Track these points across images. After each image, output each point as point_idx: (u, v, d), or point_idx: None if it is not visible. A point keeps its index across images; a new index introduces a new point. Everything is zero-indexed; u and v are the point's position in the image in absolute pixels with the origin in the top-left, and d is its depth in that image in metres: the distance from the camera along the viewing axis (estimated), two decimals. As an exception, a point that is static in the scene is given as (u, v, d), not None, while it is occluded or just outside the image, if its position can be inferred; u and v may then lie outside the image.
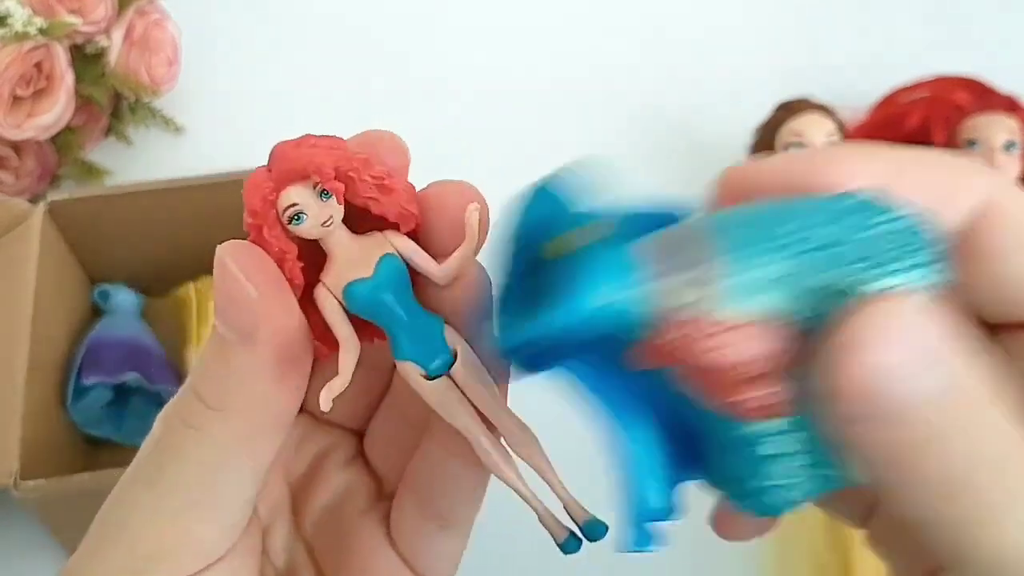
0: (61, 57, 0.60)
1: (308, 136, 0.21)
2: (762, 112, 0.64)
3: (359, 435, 0.28)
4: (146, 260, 0.59)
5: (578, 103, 0.74)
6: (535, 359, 0.19)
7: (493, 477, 0.24)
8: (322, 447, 0.27)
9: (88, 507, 0.49)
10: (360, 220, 0.22)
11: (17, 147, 0.62)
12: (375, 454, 0.27)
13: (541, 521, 0.24)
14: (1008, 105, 0.65)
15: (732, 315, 0.17)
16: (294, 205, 0.21)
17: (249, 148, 0.65)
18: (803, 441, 0.19)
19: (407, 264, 0.22)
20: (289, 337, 0.21)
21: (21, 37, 0.59)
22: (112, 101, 0.67)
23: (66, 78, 0.60)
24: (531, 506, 0.24)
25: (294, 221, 0.21)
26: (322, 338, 0.22)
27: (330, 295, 0.22)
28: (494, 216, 0.23)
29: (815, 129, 0.61)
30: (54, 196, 0.54)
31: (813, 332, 0.17)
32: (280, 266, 0.21)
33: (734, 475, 0.19)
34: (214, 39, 0.75)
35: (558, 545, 0.23)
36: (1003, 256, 0.20)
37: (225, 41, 0.76)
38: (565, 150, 0.78)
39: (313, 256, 0.22)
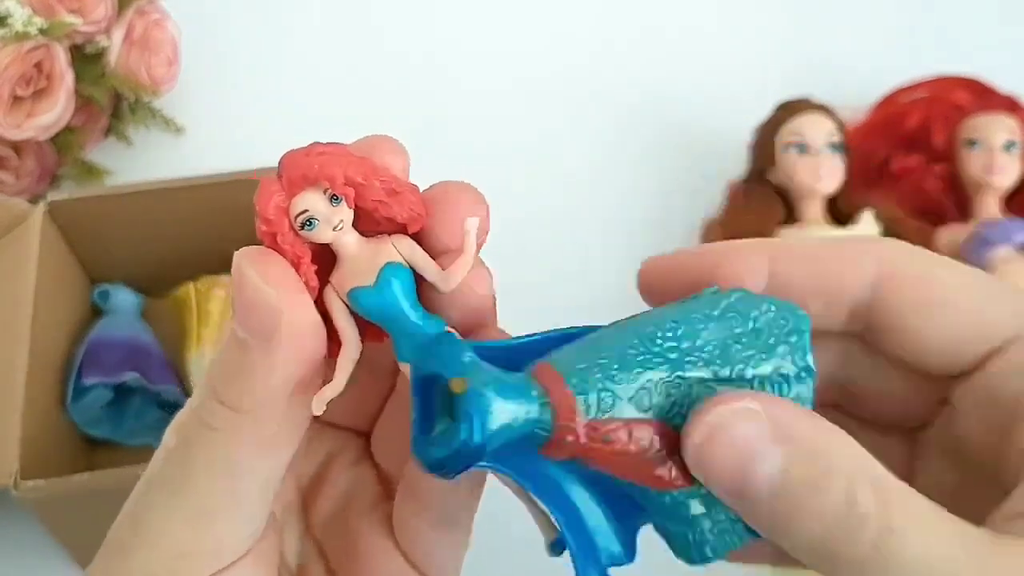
0: (61, 57, 0.60)
1: (316, 144, 0.22)
2: (762, 112, 0.64)
3: (366, 436, 0.28)
4: (146, 260, 0.59)
5: (578, 103, 0.74)
6: (456, 468, 0.20)
7: (489, 476, 0.24)
8: (330, 449, 0.28)
9: (88, 507, 0.49)
10: (368, 222, 0.23)
11: (17, 147, 0.62)
12: (381, 454, 0.28)
13: (534, 519, 0.24)
14: (1008, 105, 0.65)
15: (623, 416, 0.20)
16: (305, 211, 0.21)
17: (249, 148, 0.65)
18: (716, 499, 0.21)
19: (412, 268, 0.23)
20: (308, 339, 0.22)
21: (21, 37, 0.59)
22: (112, 101, 0.67)
23: (66, 78, 0.60)
24: (524, 503, 0.24)
25: (306, 227, 0.21)
26: (334, 338, 0.23)
27: (336, 296, 0.23)
28: (494, 216, 0.23)
29: (815, 129, 0.61)
30: (54, 196, 0.54)
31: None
32: (295, 270, 0.22)
33: (674, 531, 0.22)
34: (214, 39, 0.75)
35: (547, 545, 0.24)
36: (909, 316, 0.22)
37: (225, 41, 0.76)
38: (565, 150, 0.79)
39: (324, 259, 0.23)
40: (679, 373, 0.21)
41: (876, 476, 0.20)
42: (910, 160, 0.66)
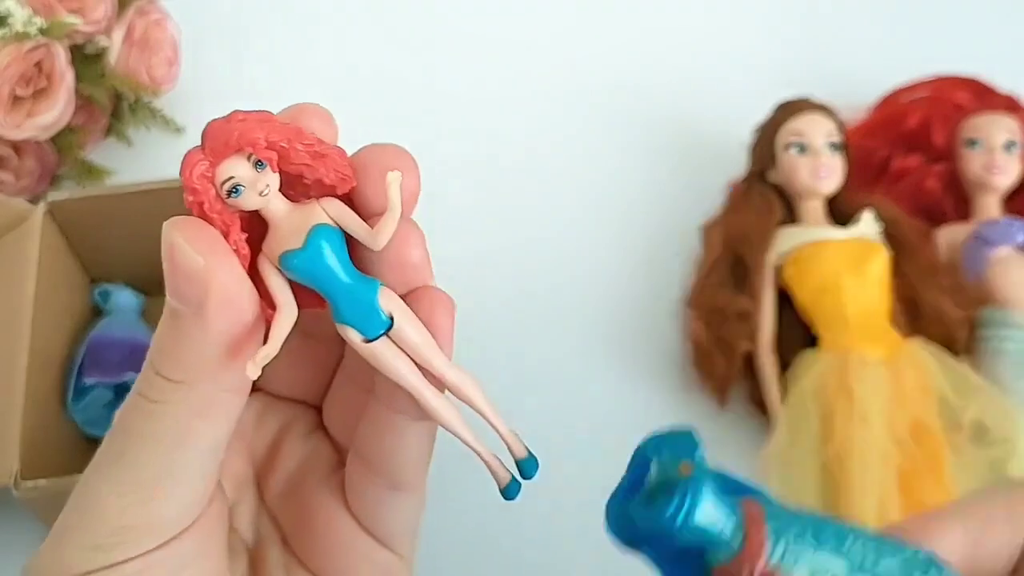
0: (61, 57, 0.60)
1: (237, 111, 0.22)
2: (762, 112, 0.64)
3: (317, 409, 0.29)
4: (146, 260, 0.59)
5: (576, 103, 0.74)
6: (641, 539, 0.22)
7: (440, 436, 0.25)
8: (282, 422, 0.28)
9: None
10: (297, 189, 0.23)
11: (17, 147, 0.62)
12: (333, 424, 0.28)
13: (486, 465, 0.25)
14: (1008, 105, 0.65)
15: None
16: (231, 178, 0.22)
17: (249, 148, 0.65)
18: None
19: (343, 230, 0.23)
20: (238, 304, 0.22)
21: (21, 37, 0.59)
22: (112, 101, 0.67)
23: (66, 78, 0.60)
24: (475, 451, 0.24)
25: (232, 194, 0.22)
26: (273, 306, 0.23)
27: (269, 263, 0.23)
28: (495, 217, 0.23)
29: (815, 129, 0.61)
30: (54, 196, 0.54)
31: None
32: (225, 239, 0.22)
33: None
34: (214, 39, 0.75)
35: (501, 491, 0.25)
36: None
37: (225, 41, 0.76)
38: (563, 151, 0.79)
39: (255, 228, 0.23)
40: (835, 565, 0.22)
41: None
42: (910, 160, 0.66)
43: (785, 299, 0.59)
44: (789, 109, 0.62)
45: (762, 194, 0.62)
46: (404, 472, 0.25)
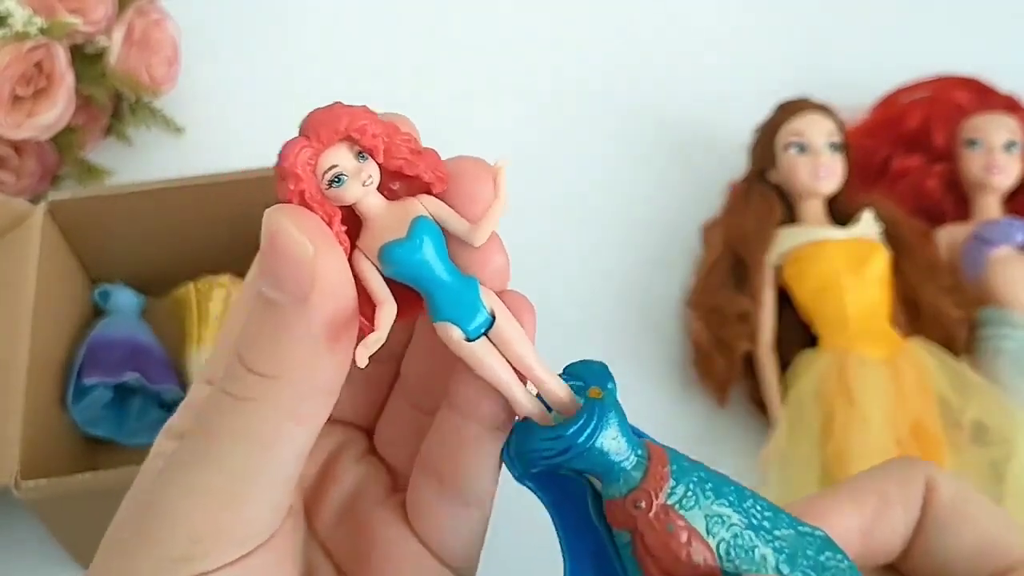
0: (61, 57, 0.60)
1: (338, 102, 0.22)
2: (762, 112, 0.64)
3: (367, 432, 0.27)
4: (146, 260, 0.59)
5: (577, 104, 0.74)
6: (543, 459, 0.22)
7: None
8: (332, 446, 0.27)
9: (88, 507, 0.49)
10: (389, 189, 0.22)
11: (17, 147, 0.62)
12: (387, 446, 0.27)
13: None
14: (1008, 105, 0.65)
15: (693, 523, 0.21)
16: (334, 167, 0.21)
17: (249, 148, 0.65)
18: None
19: (440, 227, 0.22)
20: (344, 296, 0.21)
21: (21, 37, 0.59)
22: (112, 101, 0.67)
23: (66, 78, 0.60)
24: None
25: (335, 183, 0.21)
26: (362, 313, 0.22)
27: (366, 259, 0.22)
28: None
29: (815, 129, 0.61)
30: (54, 196, 0.54)
31: None
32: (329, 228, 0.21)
33: None
34: (214, 39, 0.75)
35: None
36: (942, 530, 0.25)
37: (225, 41, 0.76)
38: (564, 151, 0.79)
39: (348, 226, 0.22)
40: (752, 533, 0.22)
41: None
42: (910, 160, 0.66)
43: (785, 299, 0.59)
44: (789, 109, 0.62)
45: (762, 194, 0.62)
46: (479, 486, 0.24)
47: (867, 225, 0.60)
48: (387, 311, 0.21)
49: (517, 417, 0.23)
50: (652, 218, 0.68)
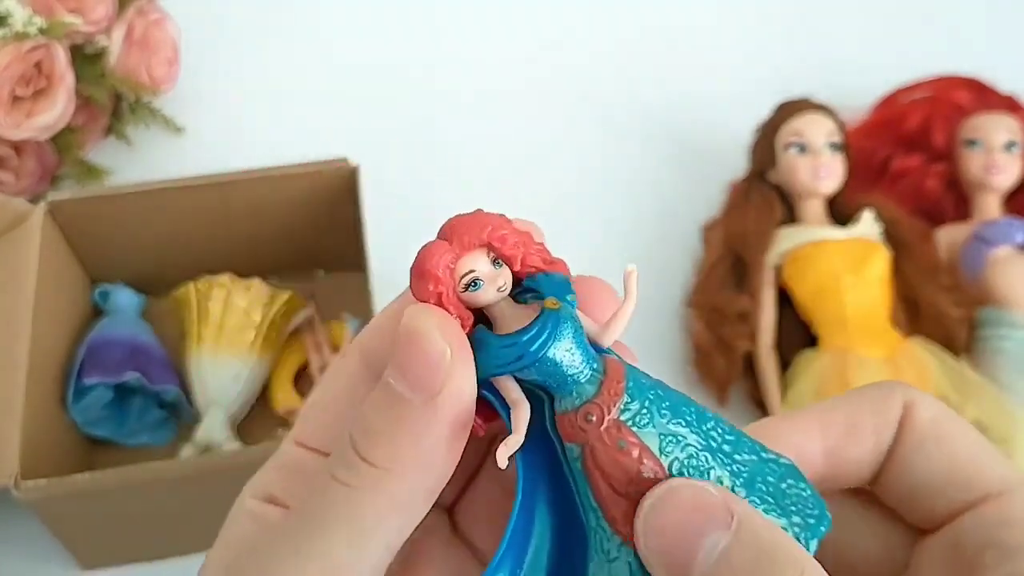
0: (61, 57, 0.60)
1: (479, 211, 0.22)
2: (762, 112, 0.64)
3: (448, 511, 0.27)
4: (146, 260, 0.59)
5: (577, 104, 0.74)
6: (500, 366, 0.22)
7: None
8: (420, 530, 0.26)
9: (88, 507, 0.49)
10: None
11: (17, 147, 0.62)
12: (473, 526, 0.27)
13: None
14: (1008, 105, 0.65)
15: (645, 441, 0.21)
16: (471, 272, 0.22)
17: (249, 148, 0.66)
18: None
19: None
20: (468, 403, 0.21)
21: (21, 37, 0.59)
22: (112, 101, 0.67)
23: (66, 78, 0.60)
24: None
25: (471, 287, 0.22)
26: (477, 413, 0.23)
27: None
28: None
29: (815, 129, 0.61)
30: (54, 196, 0.54)
31: None
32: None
33: None
34: (214, 39, 0.75)
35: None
36: (916, 452, 0.24)
37: (225, 41, 0.76)
38: (565, 151, 0.79)
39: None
40: (708, 455, 0.22)
41: None
42: (910, 160, 0.66)
43: (785, 299, 0.59)
44: (789, 109, 0.62)
45: (762, 194, 0.62)
46: None
47: (867, 225, 0.60)
48: (522, 411, 0.22)
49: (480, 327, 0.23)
50: (652, 218, 0.68)
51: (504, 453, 0.21)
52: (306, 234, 0.59)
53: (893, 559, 0.25)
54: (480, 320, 0.23)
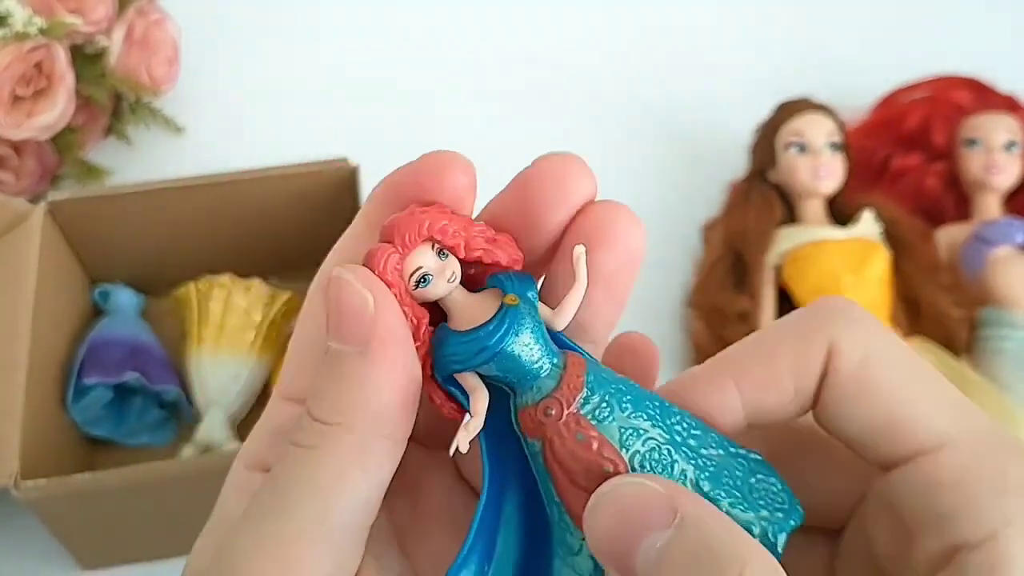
0: (61, 57, 0.60)
1: (414, 206, 0.23)
2: (762, 112, 0.64)
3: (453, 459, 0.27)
4: (146, 260, 0.59)
5: (577, 104, 0.74)
6: (462, 362, 0.22)
7: None
8: (423, 470, 0.26)
9: (88, 507, 0.49)
10: (467, 275, 0.23)
11: (17, 147, 0.62)
12: (474, 474, 0.26)
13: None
14: (1008, 105, 0.65)
15: (605, 433, 0.21)
16: (419, 268, 0.22)
17: (249, 148, 0.66)
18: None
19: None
20: (404, 346, 0.22)
21: (21, 37, 0.59)
22: (112, 101, 0.67)
23: (66, 78, 0.60)
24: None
25: (421, 283, 0.22)
26: (453, 408, 0.23)
27: None
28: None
29: (815, 129, 0.61)
30: (54, 196, 0.54)
31: None
32: (416, 331, 0.22)
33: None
34: (214, 39, 0.75)
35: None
36: (843, 399, 0.22)
37: (225, 41, 0.76)
38: (567, 150, 0.78)
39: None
40: (671, 448, 0.21)
41: None
42: (910, 160, 0.66)
43: (785, 299, 0.59)
44: (789, 109, 0.62)
45: (762, 194, 0.62)
46: None
47: (867, 225, 0.60)
48: (480, 397, 0.22)
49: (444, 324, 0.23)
50: (652, 218, 0.68)
51: (464, 437, 0.22)
52: (306, 234, 0.59)
53: (850, 491, 0.24)
54: (437, 313, 0.23)
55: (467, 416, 0.22)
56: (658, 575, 0.20)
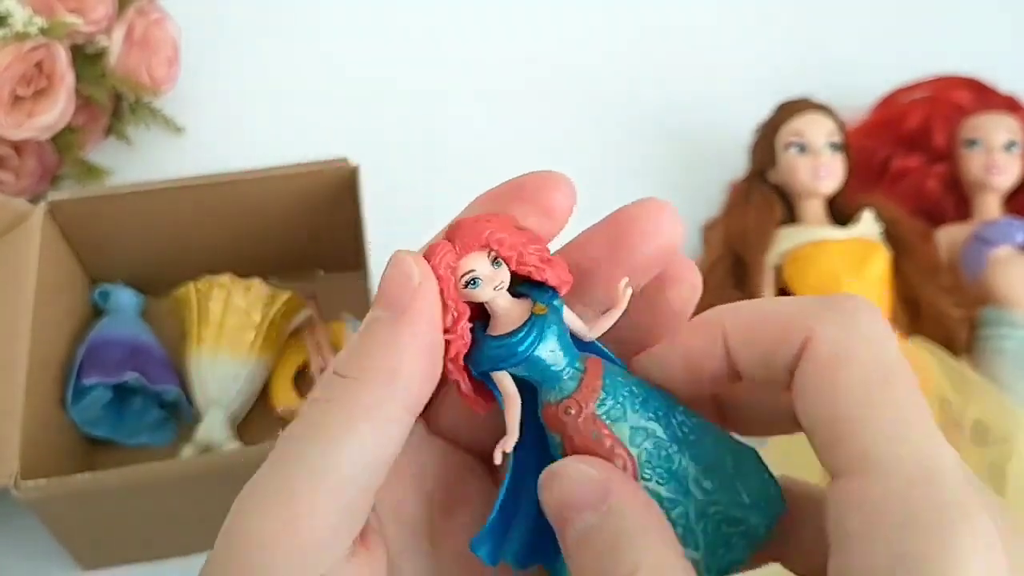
0: (61, 57, 0.60)
1: (486, 213, 0.25)
2: (762, 112, 0.64)
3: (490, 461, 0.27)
4: (146, 260, 0.59)
5: (577, 104, 0.74)
6: (492, 362, 0.24)
7: None
8: (463, 468, 0.27)
9: (88, 507, 0.49)
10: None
11: (17, 147, 0.62)
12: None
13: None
14: (1008, 105, 0.65)
15: (617, 433, 0.23)
16: (471, 271, 0.24)
17: (249, 148, 0.66)
18: None
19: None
20: (434, 323, 0.23)
21: (21, 37, 0.59)
22: (112, 101, 0.67)
23: (66, 78, 0.60)
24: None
25: (470, 285, 0.24)
26: (484, 401, 0.25)
27: None
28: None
29: (815, 129, 0.61)
30: (54, 196, 0.54)
31: None
32: (456, 323, 0.24)
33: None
34: (214, 39, 0.75)
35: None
36: (812, 382, 0.22)
37: (225, 41, 0.76)
38: (565, 151, 0.79)
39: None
40: (676, 447, 0.24)
41: None
42: (910, 160, 0.66)
43: (785, 299, 0.59)
44: (789, 109, 0.62)
45: (762, 194, 0.62)
46: None
47: (867, 225, 0.60)
48: (514, 410, 0.24)
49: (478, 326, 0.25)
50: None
51: (499, 452, 0.24)
52: (306, 234, 0.59)
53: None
54: (482, 312, 0.25)
55: (506, 426, 0.24)
56: (575, 554, 0.22)
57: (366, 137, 0.67)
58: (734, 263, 0.60)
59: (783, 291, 0.59)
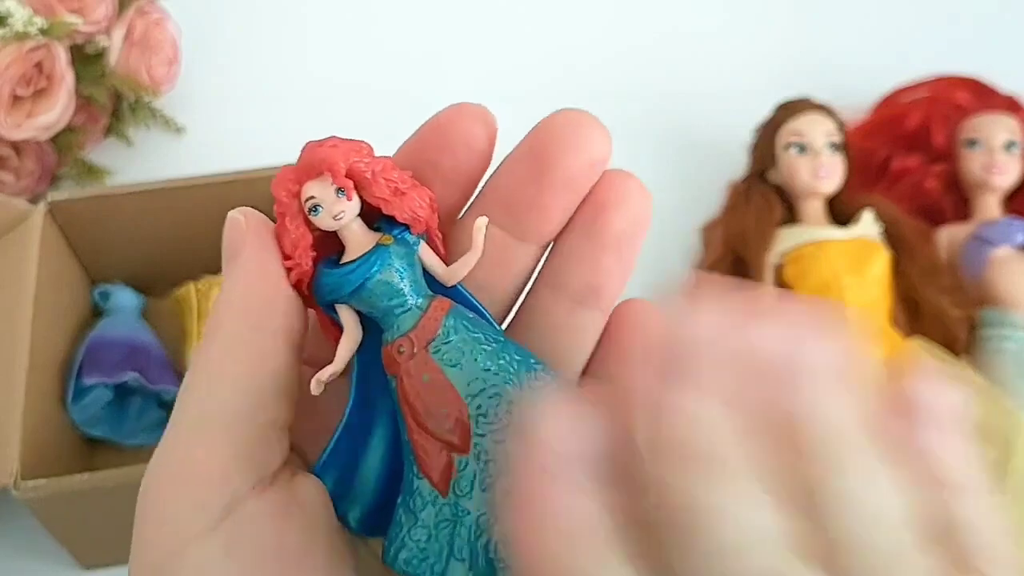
0: (61, 57, 0.60)
1: (333, 137, 0.24)
2: (762, 112, 0.64)
3: None
4: (146, 260, 0.59)
5: (578, 104, 0.74)
6: (331, 293, 0.23)
7: None
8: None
9: (88, 507, 0.49)
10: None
11: (17, 147, 0.62)
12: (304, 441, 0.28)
13: None
14: (1008, 105, 0.65)
15: (450, 375, 0.22)
16: (312, 198, 0.23)
17: (249, 148, 0.65)
18: (451, 526, 0.22)
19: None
20: (260, 250, 0.25)
21: (21, 37, 0.59)
22: (112, 101, 0.67)
23: (66, 78, 0.60)
24: None
25: (312, 212, 0.23)
26: (336, 333, 0.24)
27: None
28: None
29: (815, 129, 0.61)
30: (54, 196, 0.54)
31: (496, 453, 0.22)
32: (295, 249, 0.23)
33: (396, 520, 0.23)
34: (214, 39, 0.75)
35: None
36: None
37: (225, 41, 0.76)
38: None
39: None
40: (501, 387, 0.22)
41: None
42: (910, 160, 0.66)
43: (785, 299, 0.59)
44: (789, 109, 0.62)
45: (762, 194, 0.62)
46: None
47: (867, 225, 0.60)
48: (348, 340, 0.23)
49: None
50: (652, 218, 0.68)
51: (316, 382, 0.23)
52: (306, 234, 0.59)
53: None
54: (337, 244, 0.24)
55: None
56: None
57: (366, 137, 0.67)
58: (734, 263, 0.60)
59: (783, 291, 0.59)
